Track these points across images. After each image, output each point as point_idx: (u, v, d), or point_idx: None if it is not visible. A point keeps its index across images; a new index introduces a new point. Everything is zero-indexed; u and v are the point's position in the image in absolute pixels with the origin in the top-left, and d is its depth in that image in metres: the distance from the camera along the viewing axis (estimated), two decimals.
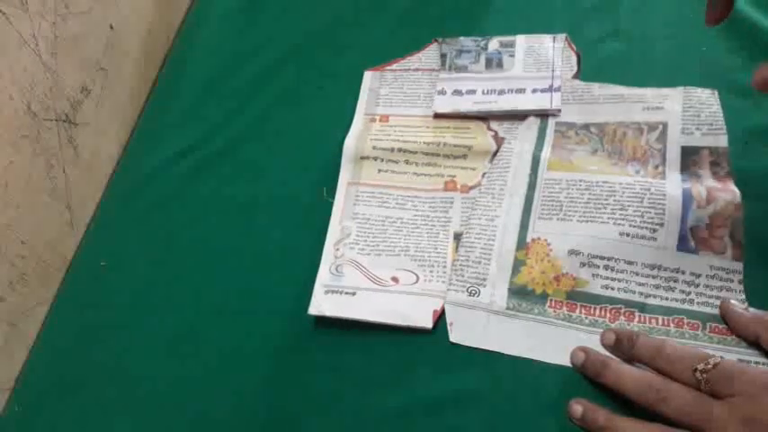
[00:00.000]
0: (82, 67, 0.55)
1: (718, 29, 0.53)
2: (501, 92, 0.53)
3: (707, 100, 0.49)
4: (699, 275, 0.42)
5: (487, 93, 0.54)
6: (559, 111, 0.51)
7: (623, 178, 0.46)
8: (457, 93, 0.54)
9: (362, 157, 0.52)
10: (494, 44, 0.56)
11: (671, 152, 0.47)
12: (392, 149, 0.52)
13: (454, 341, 0.43)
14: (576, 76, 0.53)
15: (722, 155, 0.46)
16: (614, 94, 0.51)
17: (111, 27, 0.59)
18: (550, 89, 0.52)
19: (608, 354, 0.40)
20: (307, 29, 0.63)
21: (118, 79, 0.60)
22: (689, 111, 0.49)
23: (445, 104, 0.54)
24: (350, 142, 0.53)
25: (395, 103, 0.56)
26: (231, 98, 0.60)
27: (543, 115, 0.52)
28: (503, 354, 0.42)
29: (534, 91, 0.53)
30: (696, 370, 0.36)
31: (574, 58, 0.54)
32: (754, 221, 0.42)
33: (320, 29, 0.63)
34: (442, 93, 0.55)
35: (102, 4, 0.57)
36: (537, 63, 0.54)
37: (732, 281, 0.41)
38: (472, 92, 0.54)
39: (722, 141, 0.46)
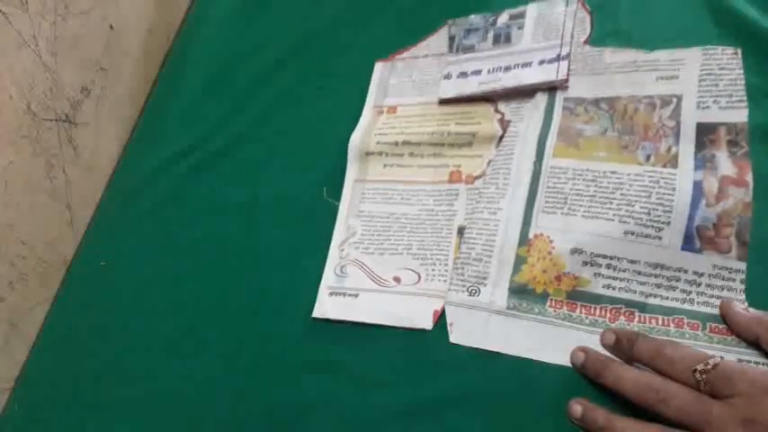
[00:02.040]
0: (82, 67, 0.55)
1: (719, 29, 0.53)
2: (507, 68, 0.52)
3: (728, 63, 0.45)
4: (701, 275, 0.41)
5: (493, 71, 0.52)
6: (566, 81, 0.49)
7: (632, 168, 0.45)
8: (462, 75, 0.53)
9: (368, 153, 0.52)
10: (503, 18, 0.55)
11: (685, 130, 0.44)
12: (396, 143, 0.52)
13: (454, 341, 0.43)
14: (587, 41, 0.52)
15: (741, 131, 0.43)
16: (627, 62, 0.49)
17: (111, 27, 0.59)
18: (558, 58, 0.50)
19: (608, 354, 0.40)
20: (307, 29, 0.63)
21: (118, 79, 0.60)
22: (706, 79, 0.46)
23: (450, 89, 0.53)
24: (356, 137, 0.53)
25: (402, 92, 0.55)
26: (231, 98, 0.60)
27: (551, 89, 0.50)
28: (503, 354, 0.42)
29: (541, 62, 0.51)
30: (696, 370, 0.36)
31: (587, 19, 0.52)
32: (756, 222, 0.42)
33: (320, 28, 0.63)
34: (448, 77, 0.54)
35: (102, 4, 0.57)
36: (546, 31, 0.53)
37: (734, 281, 0.41)
38: (477, 72, 0.53)
39: (742, 116, 0.44)
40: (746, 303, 0.40)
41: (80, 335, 0.49)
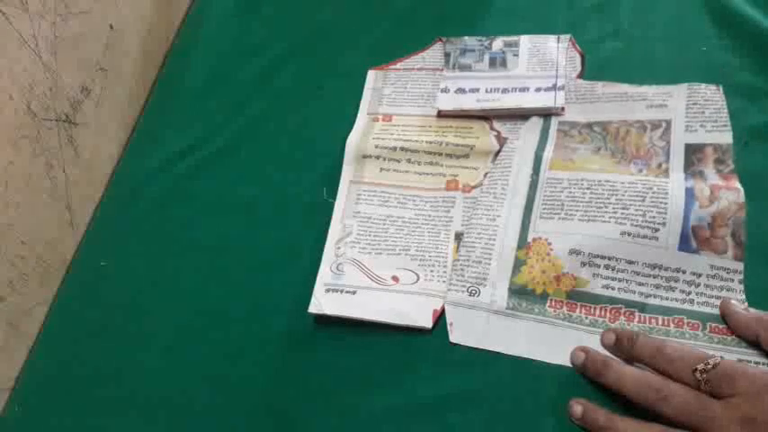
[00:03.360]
0: (82, 67, 0.55)
1: (718, 29, 0.53)
2: (504, 90, 0.53)
3: (711, 96, 0.49)
4: (699, 275, 0.42)
5: (491, 91, 0.53)
6: (563, 109, 0.51)
7: (625, 177, 0.46)
8: (460, 91, 0.54)
9: (364, 156, 0.52)
10: (498, 44, 0.56)
11: (675, 149, 0.47)
12: (394, 148, 0.52)
13: (454, 341, 0.43)
14: (579, 76, 0.53)
15: (726, 151, 0.46)
16: (618, 93, 0.51)
17: (111, 27, 0.59)
18: (554, 88, 0.52)
19: (608, 354, 0.40)
20: (307, 28, 0.63)
21: (118, 79, 0.60)
22: (693, 108, 0.48)
23: (448, 102, 0.54)
24: (352, 141, 0.53)
25: (398, 103, 0.56)
26: (231, 98, 0.60)
27: (546, 115, 0.52)
28: (503, 354, 0.42)
29: (538, 90, 0.52)
30: (696, 370, 0.36)
31: (578, 59, 0.54)
32: (754, 221, 0.42)
33: (320, 28, 0.63)
34: (446, 91, 0.54)
35: (102, 4, 0.57)
36: (541, 63, 0.54)
37: (732, 281, 0.41)
38: (475, 90, 0.54)
39: (727, 138, 0.46)
40: (746, 303, 0.40)
41: (80, 335, 0.49)
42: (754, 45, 0.51)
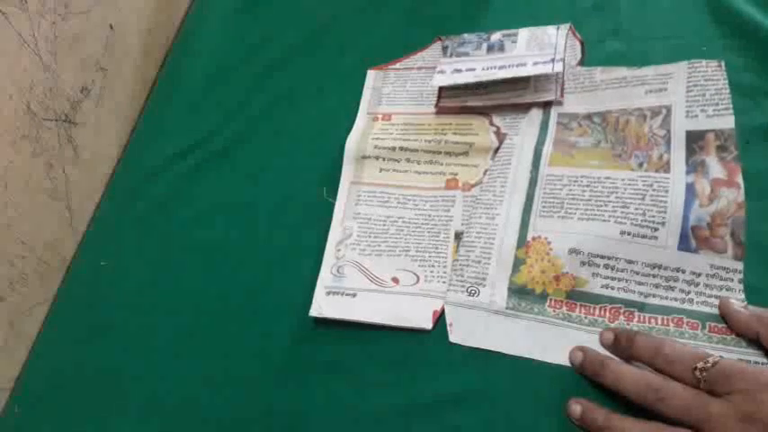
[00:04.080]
0: (82, 67, 0.55)
1: (719, 28, 0.53)
2: (502, 67, 0.52)
3: (712, 74, 0.48)
4: (699, 275, 0.41)
5: (487, 69, 0.53)
6: (562, 95, 0.50)
7: (625, 173, 0.46)
8: (457, 71, 0.53)
9: (364, 157, 0.52)
10: (496, 36, 0.56)
11: (675, 138, 0.46)
12: (393, 148, 0.52)
13: (454, 341, 0.43)
14: (579, 64, 0.53)
15: (729, 137, 0.45)
16: (616, 78, 0.51)
17: (111, 27, 0.59)
18: (552, 61, 0.51)
19: (607, 353, 0.40)
20: (307, 28, 0.63)
21: (118, 79, 0.60)
22: (693, 90, 0.47)
23: (445, 80, 0.53)
24: (352, 141, 0.53)
25: (397, 102, 0.56)
26: (231, 98, 0.60)
27: (546, 104, 0.51)
28: (503, 354, 0.42)
29: (536, 63, 0.51)
30: (695, 369, 0.36)
31: (578, 46, 0.54)
32: (754, 220, 0.42)
33: (320, 28, 0.63)
34: (442, 72, 0.54)
35: (102, 4, 0.57)
36: (540, 45, 0.53)
37: (732, 280, 0.41)
38: (472, 69, 0.53)
39: (729, 122, 0.45)
40: (746, 302, 0.40)
41: (80, 335, 0.49)
42: (754, 45, 0.51)
